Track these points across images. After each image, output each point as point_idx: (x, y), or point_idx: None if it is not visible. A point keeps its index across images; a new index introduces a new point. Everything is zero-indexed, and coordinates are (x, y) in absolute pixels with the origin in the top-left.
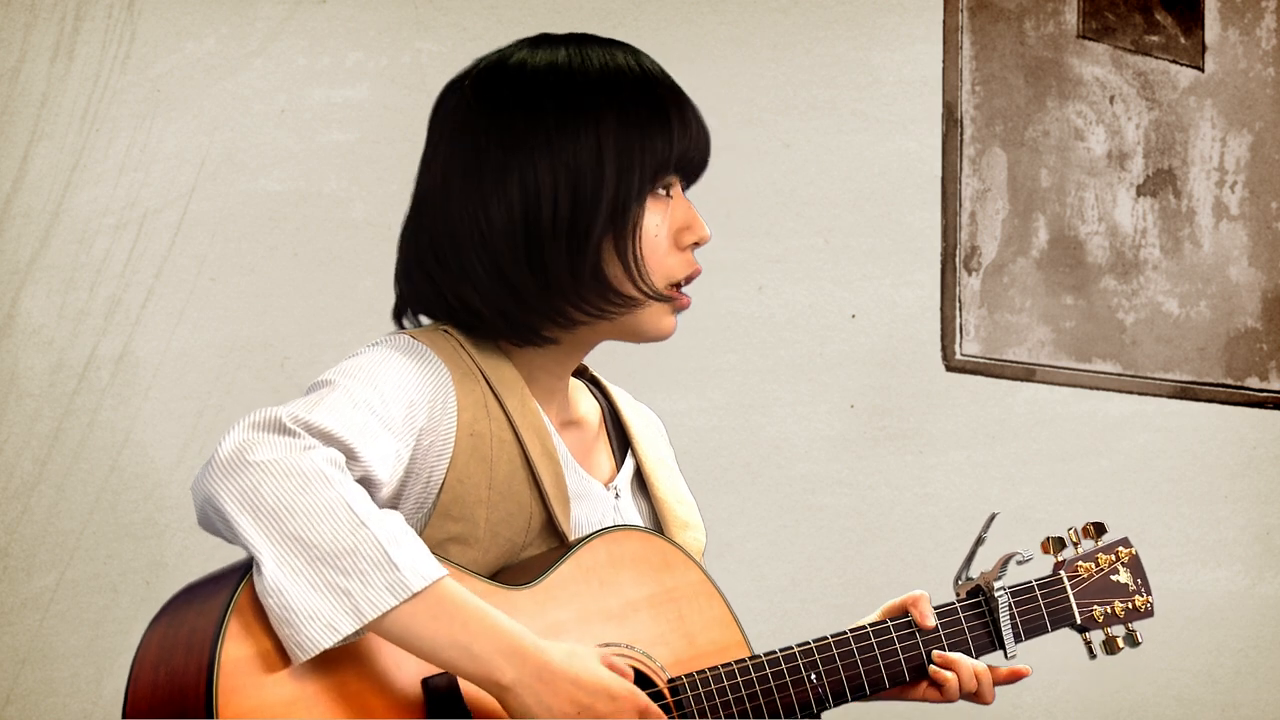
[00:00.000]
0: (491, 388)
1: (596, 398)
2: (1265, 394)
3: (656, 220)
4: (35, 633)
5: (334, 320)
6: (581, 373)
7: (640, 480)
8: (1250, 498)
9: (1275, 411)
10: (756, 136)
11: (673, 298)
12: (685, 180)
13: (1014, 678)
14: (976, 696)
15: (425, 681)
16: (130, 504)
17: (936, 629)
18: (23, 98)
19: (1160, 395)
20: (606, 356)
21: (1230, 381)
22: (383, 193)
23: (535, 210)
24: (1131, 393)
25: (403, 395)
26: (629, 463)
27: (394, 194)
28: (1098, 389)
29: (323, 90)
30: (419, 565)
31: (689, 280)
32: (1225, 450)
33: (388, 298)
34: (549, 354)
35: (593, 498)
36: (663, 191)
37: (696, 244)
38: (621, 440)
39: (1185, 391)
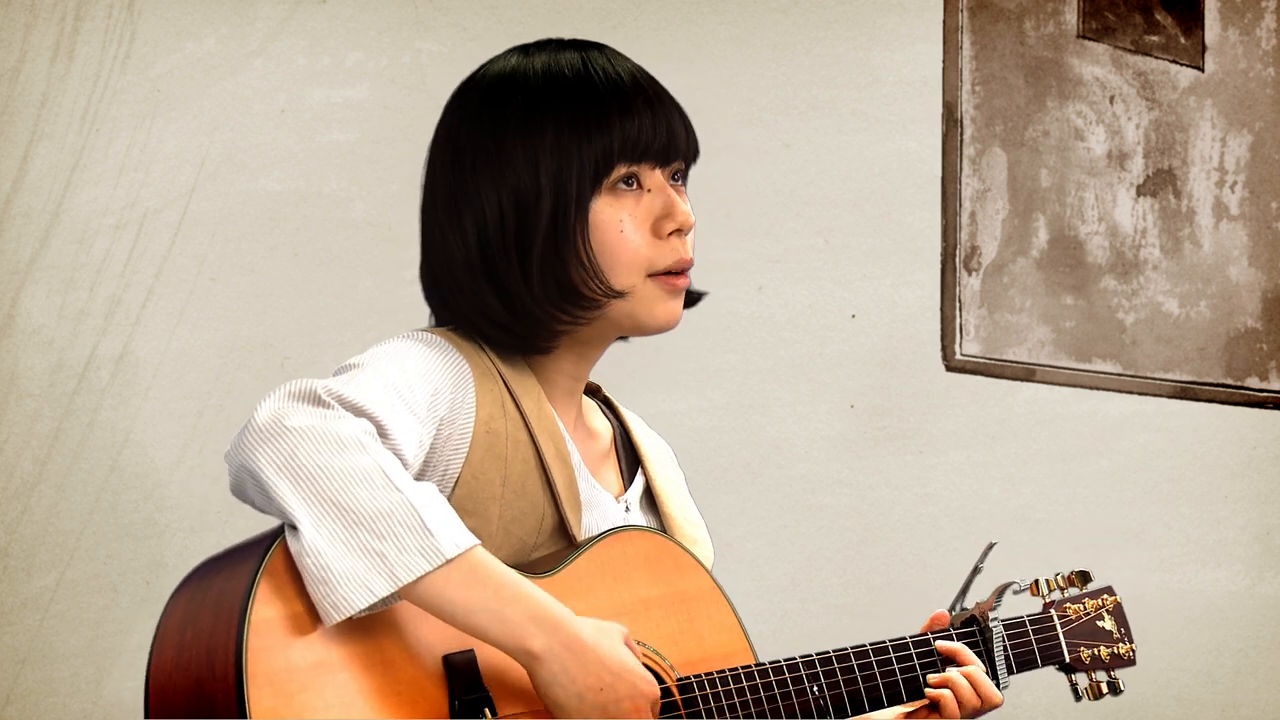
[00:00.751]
0: (509, 389)
1: (609, 419)
2: (1265, 394)
3: (620, 215)
4: (35, 633)
5: (334, 320)
6: (595, 393)
7: (650, 498)
8: (1250, 498)
9: (1275, 411)
10: (756, 136)
11: (624, 292)
12: (663, 166)
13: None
14: (983, 702)
15: (446, 658)
16: (130, 504)
17: (933, 651)
18: (23, 98)
19: (1160, 395)
20: (607, 357)
21: (1230, 381)
22: (383, 193)
23: (486, 237)
24: (1131, 393)
25: (427, 383)
26: (639, 480)
27: (394, 194)
28: (1098, 389)
29: (323, 90)
30: (453, 533)
31: (683, 269)
32: (1225, 450)
33: (388, 298)
34: (561, 357)
35: (603, 508)
36: (627, 185)
37: (679, 231)
38: (632, 460)
39: (1185, 391)
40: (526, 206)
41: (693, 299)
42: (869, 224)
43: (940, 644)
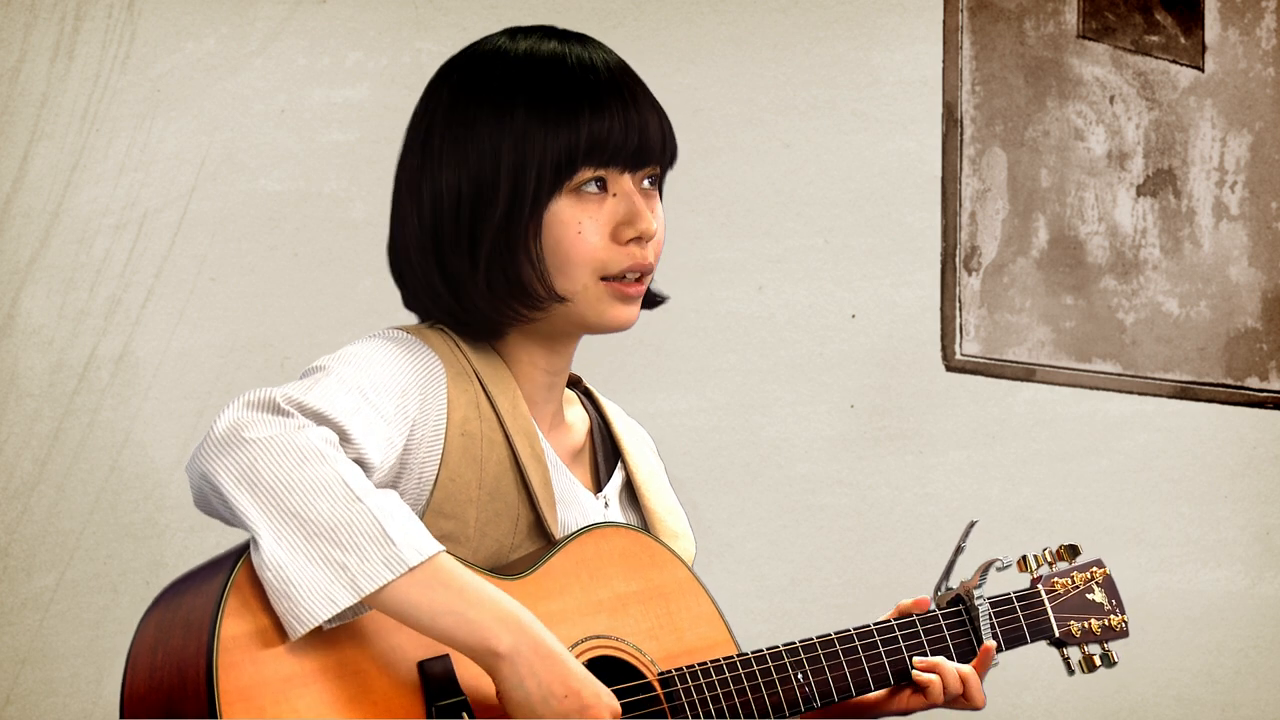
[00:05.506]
0: (484, 388)
1: (588, 410)
2: (1265, 394)
3: (580, 217)
4: (35, 633)
5: (334, 320)
6: (575, 384)
7: (630, 492)
8: (1250, 498)
9: (1275, 411)
10: (756, 136)
11: (566, 298)
12: (633, 171)
13: (985, 659)
14: (965, 699)
15: (421, 664)
16: (130, 504)
17: (919, 633)
18: (23, 98)
19: (1160, 395)
20: (606, 357)
21: (1230, 381)
22: (383, 193)
23: (440, 218)
24: (1131, 393)
25: (395, 383)
26: (618, 473)
27: None
28: (1098, 389)
29: (323, 90)
30: (415, 540)
31: (641, 275)
32: (1225, 450)
33: (388, 298)
34: (533, 352)
35: (581, 504)
36: (594, 188)
37: (639, 239)
38: (611, 452)
39: (1185, 391)
40: (482, 196)
41: (652, 300)
42: (869, 224)
43: (920, 660)
